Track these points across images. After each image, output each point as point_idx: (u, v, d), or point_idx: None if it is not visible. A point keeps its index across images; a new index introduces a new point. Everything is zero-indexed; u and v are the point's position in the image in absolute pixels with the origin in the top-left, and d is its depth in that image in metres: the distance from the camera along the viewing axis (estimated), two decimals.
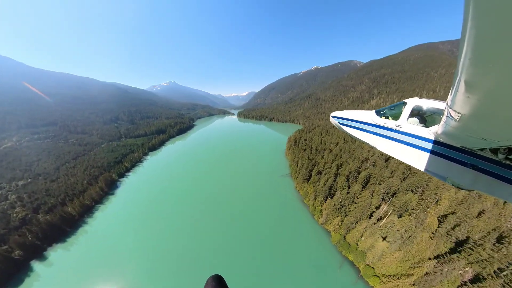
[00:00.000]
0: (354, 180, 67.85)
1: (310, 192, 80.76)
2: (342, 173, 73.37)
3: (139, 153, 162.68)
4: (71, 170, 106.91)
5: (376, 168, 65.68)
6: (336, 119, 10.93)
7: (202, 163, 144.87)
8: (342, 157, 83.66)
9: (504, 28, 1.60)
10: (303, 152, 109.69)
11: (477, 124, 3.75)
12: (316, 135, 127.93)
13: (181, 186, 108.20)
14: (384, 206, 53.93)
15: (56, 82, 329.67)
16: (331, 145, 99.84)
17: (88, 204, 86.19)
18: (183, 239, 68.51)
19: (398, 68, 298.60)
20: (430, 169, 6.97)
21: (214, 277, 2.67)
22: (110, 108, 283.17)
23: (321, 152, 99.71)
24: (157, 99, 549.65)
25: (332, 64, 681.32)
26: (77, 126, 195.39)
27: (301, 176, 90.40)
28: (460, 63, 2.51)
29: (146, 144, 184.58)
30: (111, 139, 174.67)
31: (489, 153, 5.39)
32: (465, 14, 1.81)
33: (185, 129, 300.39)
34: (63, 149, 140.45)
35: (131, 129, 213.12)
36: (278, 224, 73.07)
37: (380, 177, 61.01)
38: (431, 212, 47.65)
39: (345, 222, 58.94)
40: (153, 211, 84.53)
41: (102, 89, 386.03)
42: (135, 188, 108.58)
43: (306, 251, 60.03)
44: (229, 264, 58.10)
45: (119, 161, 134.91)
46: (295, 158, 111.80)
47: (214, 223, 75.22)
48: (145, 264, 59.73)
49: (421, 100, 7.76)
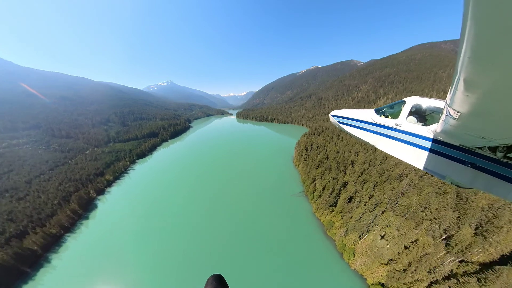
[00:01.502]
0: (392, 208, 53.37)
1: (337, 223, 64.12)
2: (380, 200, 57.17)
3: (126, 161, 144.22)
4: (44, 184, 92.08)
5: (415, 190, 52.09)
6: (335, 118, 11.00)
7: (196, 174, 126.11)
8: (371, 173, 68.61)
9: (503, 27, 1.62)
10: (320, 165, 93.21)
11: (476, 122, 3.76)
12: (327, 140, 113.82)
13: (170, 207, 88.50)
14: (449, 259, 39.22)
15: (44, 82, 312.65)
16: (351, 155, 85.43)
17: (55, 233, 69.79)
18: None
19: (404, 68, 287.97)
20: (429, 167, 7.00)
21: (215, 276, 2.66)
22: (101, 109, 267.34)
23: (341, 164, 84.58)
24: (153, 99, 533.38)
25: (332, 64, 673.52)
26: (62, 130, 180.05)
27: (322, 200, 74.37)
28: (459, 61, 2.52)
29: (135, 150, 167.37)
30: (97, 144, 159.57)
31: (488, 152, 5.41)
32: (465, 12, 1.83)
33: (180, 132, 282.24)
34: (42, 157, 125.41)
35: (122, 132, 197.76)
36: (294, 263, 56.78)
37: (425, 203, 47.58)
38: None
39: (396, 276, 43.54)
40: (135, 243, 67.18)
41: (95, 89, 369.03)
42: (115, 208, 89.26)
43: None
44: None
45: (101, 172, 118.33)
46: (309, 173, 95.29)
47: (210, 262, 59.59)
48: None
49: (421, 98, 7.78)
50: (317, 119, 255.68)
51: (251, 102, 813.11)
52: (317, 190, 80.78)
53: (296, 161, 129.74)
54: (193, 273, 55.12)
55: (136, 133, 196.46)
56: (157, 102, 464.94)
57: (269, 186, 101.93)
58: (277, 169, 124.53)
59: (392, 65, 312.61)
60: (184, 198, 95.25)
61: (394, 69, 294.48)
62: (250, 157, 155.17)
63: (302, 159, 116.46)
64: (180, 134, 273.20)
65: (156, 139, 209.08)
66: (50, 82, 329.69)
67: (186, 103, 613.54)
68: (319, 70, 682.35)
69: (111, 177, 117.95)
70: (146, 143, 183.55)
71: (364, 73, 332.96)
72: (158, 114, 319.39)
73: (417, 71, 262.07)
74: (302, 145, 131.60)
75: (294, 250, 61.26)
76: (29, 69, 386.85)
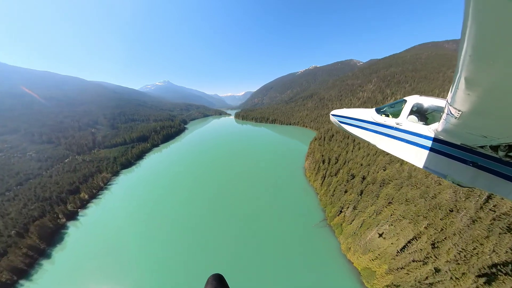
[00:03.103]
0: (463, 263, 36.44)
1: (380, 271, 47.89)
2: (439, 239, 40.91)
3: (107, 173, 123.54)
4: (6, 205, 76.48)
5: (481, 225, 38.29)
6: (336, 117, 10.96)
7: (187, 190, 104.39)
8: (415, 200, 51.75)
9: (504, 25, 1.60)
10: (347, 185, 74.60)
11: (477, 121, 3.75)
12: (343, 148, 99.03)
13: (156, 240, 70.45)
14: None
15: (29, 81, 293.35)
16: (378, 169, 69.89)
17: (5, 281, 52.61)
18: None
19: (409, 67, 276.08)
20: (430, 166, 6.92)
21: (215, 276, 2.55)
22: (90, 110, 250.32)
23: (368, 184, 67.13)
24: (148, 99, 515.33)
25: (331, 63, 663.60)
26: (44, 134, 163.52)
27: (359, 237, 56.36)
28: (460, 60, 2.50)
29: (120, 159, 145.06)
30: (80, 150, 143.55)
31: (490, 151, 5.36)
32: (466, 11, 1.82)
33: (174, 135, 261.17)
34: (13, 168, 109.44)
35: (109, 135, 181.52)
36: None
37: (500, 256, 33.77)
38: None
39: None
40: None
41: (85, 89, 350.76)
42: (87, 241, 70.87)
43: None
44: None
45: (76, 188, 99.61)
46: (333, 197, 77.47)
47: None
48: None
49: (421, 97, 7.68)
50: (322, 120, 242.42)
51: (249, 102, 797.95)
52: (348, 222, 63.68)
53: (309, 175, 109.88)
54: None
55: (124, 137, 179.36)
56: (152, 102, 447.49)
57: (280, 210, 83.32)
58: (288, 186, 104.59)
59: (397, 65, 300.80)
60: (168, 233, 73.97)
61: (399, 68, 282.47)
62: (252, 168, 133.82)
63: (320, 176, 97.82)
64: (173, 137, 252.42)
65: (146, 144, 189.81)
66: (36, 81, 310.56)
67: (183, 103, 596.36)
68: (319, 69, 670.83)
69: (86, 194, 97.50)
70: (134, 148, 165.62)
71: (367, 72, 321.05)
72: (152, 115, 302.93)
73: (424, 71, 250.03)
74: (317, 156, 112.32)
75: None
76: (15, 67, 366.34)
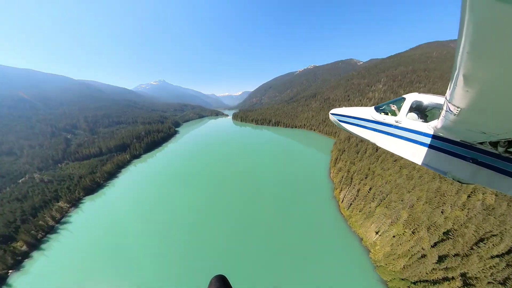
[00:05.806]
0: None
1: None
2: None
3: (64, 201, 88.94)
4: None
5: None
6: (335, 116, 11.19)
7: (170, 231, 73.49)
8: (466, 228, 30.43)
9: (501, 21, 1.60)
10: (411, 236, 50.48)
11: (476, 117, 3.78)
12: (372, 161, 76.34)
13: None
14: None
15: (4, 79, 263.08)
16: (422, 193, 47.53)
17: None
18: None
19: (421, 66, 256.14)
20: (430, 164, 6.90)
21: (218, 277, 2.56)
22: (70, 112, 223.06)
23: (421, 214, 45.87)
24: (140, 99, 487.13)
25: (331, 63, 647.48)
26: (5, 143, 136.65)
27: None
28: (458, 57, 2.49)
29: (86, 178, 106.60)
30: (44, 164, 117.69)
31: (489, 147, 5.37)
32: (463, 7, 1.82)
33: (161, 141, 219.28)
34: None
35: (86, 143, 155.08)
36: None
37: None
38: None
39: None
40: None
41: (68, 88, 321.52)
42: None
43: None
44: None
45: (16, 228, 69.46)
46: (405, 277, 49.05)
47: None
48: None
49: (420, 95, 7.71)
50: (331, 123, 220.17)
51: (247, 102, 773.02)
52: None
53: (345, 211, 75.20)
54: None
55: (100, 145, 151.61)
56: (143, 103, 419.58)
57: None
58: (316, 230, 68.60)
59: (406, 63, 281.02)
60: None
61: (409, 67, 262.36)
62: (261, 199, 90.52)
63: (363, 214, 65.96)
64: (160, 145, 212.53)
65: (124, 154, 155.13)
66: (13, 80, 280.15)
67: (177, 103, 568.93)
68: (319, 68, 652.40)
69: (24, 245, 64.48)
70: (108, 162, 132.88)
71: (374, 71, 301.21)
72: (141, 117, 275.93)
73: (439, 70, 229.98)
74: (356, 184, 76.39)
75: None
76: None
